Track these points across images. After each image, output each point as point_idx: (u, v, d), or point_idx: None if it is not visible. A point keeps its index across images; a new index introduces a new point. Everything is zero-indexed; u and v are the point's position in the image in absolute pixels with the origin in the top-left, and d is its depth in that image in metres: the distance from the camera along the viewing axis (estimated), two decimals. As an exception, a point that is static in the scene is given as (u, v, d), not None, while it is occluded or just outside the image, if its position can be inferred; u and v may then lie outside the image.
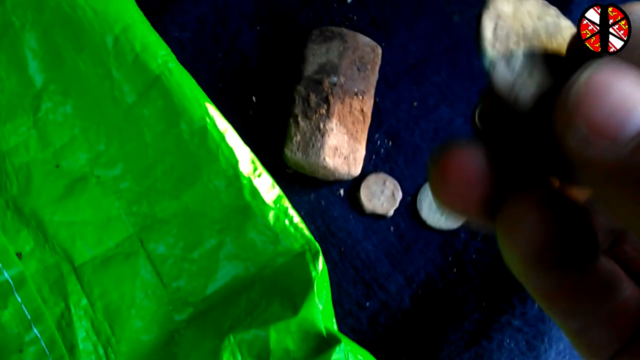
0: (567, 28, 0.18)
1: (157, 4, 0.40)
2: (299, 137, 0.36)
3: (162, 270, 0.34)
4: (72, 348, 0.33)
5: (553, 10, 0.18)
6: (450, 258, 0.37)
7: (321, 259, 0.32)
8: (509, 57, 0.16)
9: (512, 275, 0.36)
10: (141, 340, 0.34)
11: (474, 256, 0.37)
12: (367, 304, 0.37)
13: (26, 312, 0.33)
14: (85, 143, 0.36)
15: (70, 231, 0.35)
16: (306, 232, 0.33)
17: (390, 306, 0.37)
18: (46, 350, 0.33)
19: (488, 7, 0.17)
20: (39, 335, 0.33)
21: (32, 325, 0.33)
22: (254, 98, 0.40)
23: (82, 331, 0.33)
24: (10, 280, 0.33)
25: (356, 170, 0.37)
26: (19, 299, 0.33)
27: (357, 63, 0.38)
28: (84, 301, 0.34)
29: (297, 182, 0.38)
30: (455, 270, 0.37)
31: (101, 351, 0.33)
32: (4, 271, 0.33)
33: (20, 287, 0.33)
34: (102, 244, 0.34)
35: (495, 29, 0.17)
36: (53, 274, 0.34)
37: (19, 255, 0.34)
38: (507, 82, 0.16)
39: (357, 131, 0.37)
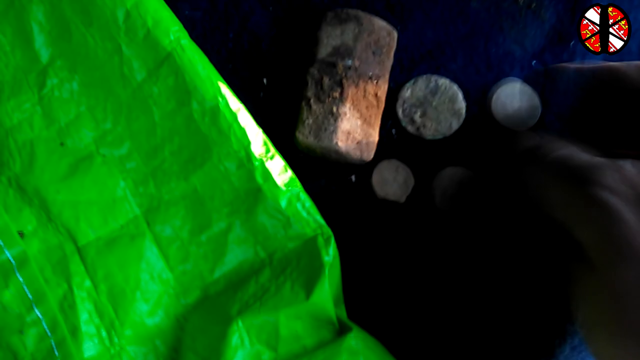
0: None
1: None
2: (311, 121, 0.36)
3: (169, 253, 0.33)
4: (74, 330, 0.32)
5: None
6: (463, 245, 0.36)
7: (333, 244, 0.31)
8: None
9: (535, 263, 0.34)
10: (146, 324, 0.33)
11: (487, 244, 0.36)
12: (377, 291, 0.36)
13: (28, 293, 0.32)
14: (92, 121, 0.35)
15: (74, 211, 0.34)
16: (318, 216, 0.32)
17: (400, 294, 0.36)
18: (48, 331, 0.32)
19: None
20: (40, 316, 0.32)
21: (34, 306, 0.32)
22: (264, 80, 0.39)
23: (85, 313, 0.32)
24: (12, 260, 0.32)
25: (369, 156, 0.36)
26: (21, 279, 0.32)
27: (373, 47, 0.37)
28: (88, 283, 0.33)
29: (308, 166, 0.37)
30: (468, 257, 0.36)
31: (104, 334, 0.32)
32: (6, 250, 0.32)
33: (22, 266, 0.32)
34: (107, 225, 0.34)
35: None
36: (56, 254, 0.33)
37: (21, 234, 0.33)
38: None
39: (370, 116, 0.36)
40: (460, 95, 0.37)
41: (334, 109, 0.36)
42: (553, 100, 0.36)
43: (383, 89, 0.37)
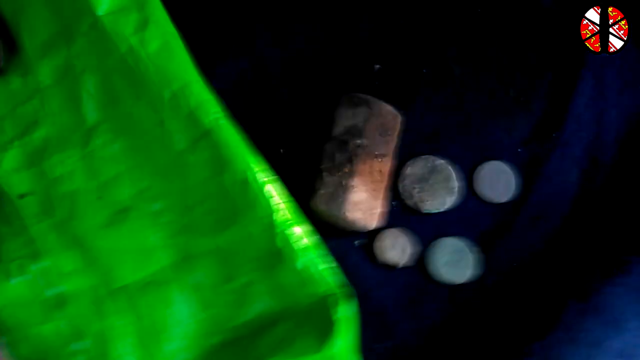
0: None
1: (201, 55, 0.44)
2: (323, 191, 0.41)
3: (194, 300, 0.37)
4: (107, 367, 0.36)
5: None
6: (457, 310, 0.41)
7: (344, 304, 0.35)
8: None
9: (516, 330, 0.39)
10: (171, 365, 0.37)
11: (480, 309, 0.41)
12: (376, 347, 0.41)
13: (67, 329, 0.36)
14: (130, 180, 0.39)
15: (111, 257, 0.38)
16: (331, 278, 0.36)
17: (398, 351, 0.40)
18: (84, 366, 0.36)
19: None
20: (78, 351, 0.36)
21: (72, 341, 0.36)
22: (281, 150, 0.44)
23: (118, 351, 0.37)
24: (54, 297, 0.37)
25: (372, 225, 0.41)
26: (62, 316, 0.36)
27: (380, 128, 0.42)
28: (121, 323, 0.37)
29: (320, 230, 0.41)
30: (461, 322, 0.41)
31: (134, 372, 0.37)
32: (50, 288, 0.37)
33: (63, 304, 0.37)
34: (141, 271, 0.38)
35: None
36: (94, 295, 0.38)
37: (63, 275, 0.37)
38: None
39: (375, 189, 0.41)
40: (454, 175, 0.43)
41: (344, 182, 0.41)
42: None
43: (388, 166, 0.42)
